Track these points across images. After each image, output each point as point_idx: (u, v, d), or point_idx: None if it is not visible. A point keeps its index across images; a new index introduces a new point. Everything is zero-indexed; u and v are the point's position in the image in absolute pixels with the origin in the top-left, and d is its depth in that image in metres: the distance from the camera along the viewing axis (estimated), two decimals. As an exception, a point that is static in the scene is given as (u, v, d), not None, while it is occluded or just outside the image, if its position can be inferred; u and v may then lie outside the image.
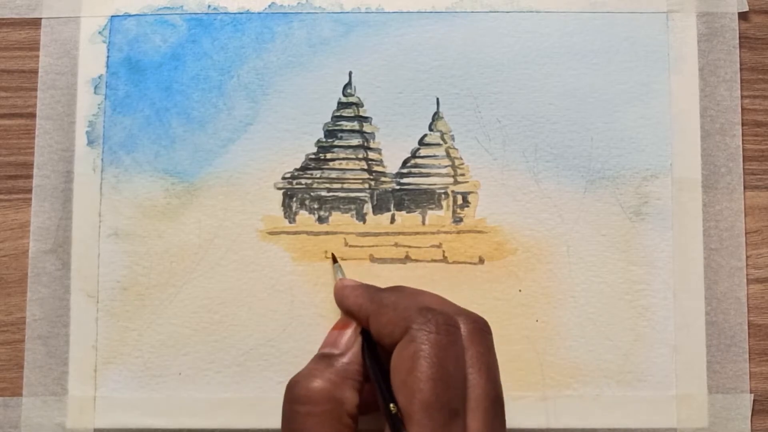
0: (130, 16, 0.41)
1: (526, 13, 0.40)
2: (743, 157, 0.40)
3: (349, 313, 0.33)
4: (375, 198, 0.40)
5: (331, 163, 0.40)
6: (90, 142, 0.40)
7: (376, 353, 0.31)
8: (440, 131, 0.40)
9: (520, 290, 0.39)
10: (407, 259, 0.39)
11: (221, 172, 0.40)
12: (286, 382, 0.31)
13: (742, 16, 0.40)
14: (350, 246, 0.39)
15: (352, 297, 0.32)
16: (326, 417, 0.29)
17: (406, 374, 0.28)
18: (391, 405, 0.28)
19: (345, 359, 0.31)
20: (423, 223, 0.39)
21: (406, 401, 0.27)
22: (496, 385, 0.29)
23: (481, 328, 0.30)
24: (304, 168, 0.40)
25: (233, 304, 0.39)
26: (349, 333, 0.32)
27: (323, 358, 0.31)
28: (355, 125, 0.40)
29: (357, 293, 0.32)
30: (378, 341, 0.30)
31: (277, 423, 0.37)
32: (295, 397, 0.29)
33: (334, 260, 0.38)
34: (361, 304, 0.32)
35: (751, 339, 0.39)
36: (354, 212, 0.40)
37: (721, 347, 0.39)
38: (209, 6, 0.41)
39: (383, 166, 0.40)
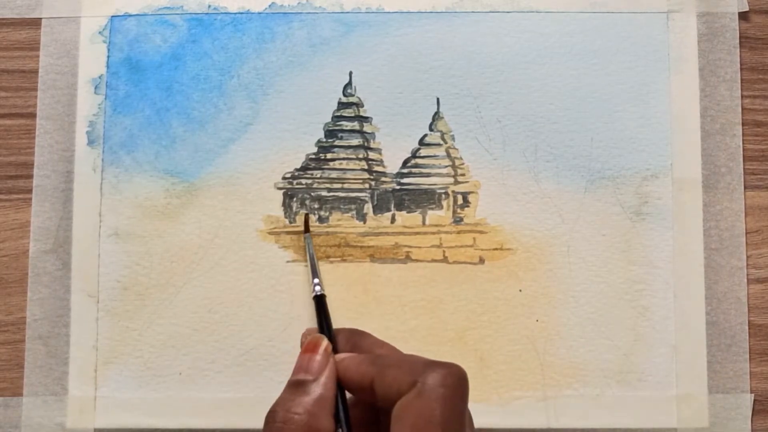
0: (130, 16, 0.41)
1: (526, 13, 0.40)
2: (743, 156, 0.40)
3: (352, 383, 0.31)
4: (375, 198, 0.40)
5: (331, 163, 0.40)
6: (90, 142, 0.40)
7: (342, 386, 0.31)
8: (440, 131, 0.40)
9: (520, 290, 0.39)
10: (407, 259, 0.39)
11: (221, 172, 0.40)
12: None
13: (743, 16, 0.40)
14: (350, 246, 0.39)
15: (353, 368, 0.31)
16: None
17: (410, 429, 0.27)
18: None
19: (319, 386, 0.30)
20: (423, 223, 0.39)
21: None
22: None
23: (465, 383, 0.30)
24: (304, 168, 0.40)
25: (233, 304, 0.39)
26: (319, 357, 0.31)
27: (297, 386, 0.30)
28: (356, 125, 0.40)
29: (357, 362, 0.31)
30: (383, 399, 0.30)
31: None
32: (272, 430, 0.29)
33: (306, 228, 0.38)
34: (363, 372, 0.31)
35: (751, 339, 0.39)
36: (354, 212, 0.40)
37: (721, 347, 0.39)
38: (209, 6, 0.41)
39: (383, 166, 0.40)
